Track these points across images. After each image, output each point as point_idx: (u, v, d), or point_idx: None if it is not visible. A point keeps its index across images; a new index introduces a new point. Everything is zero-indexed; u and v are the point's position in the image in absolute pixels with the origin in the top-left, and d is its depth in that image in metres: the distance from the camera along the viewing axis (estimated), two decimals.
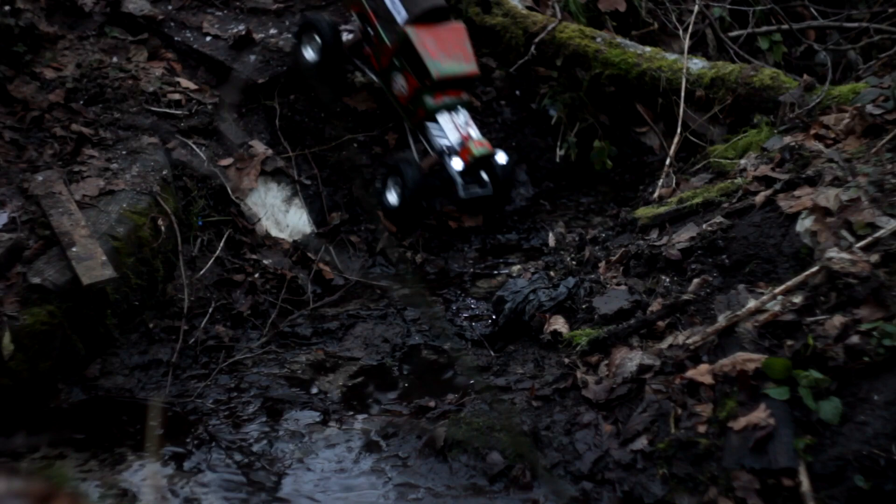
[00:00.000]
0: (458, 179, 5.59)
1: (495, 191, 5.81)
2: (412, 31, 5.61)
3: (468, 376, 4.74)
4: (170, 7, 6.42)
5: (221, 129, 5.86)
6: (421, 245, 5.97)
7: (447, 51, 5.65)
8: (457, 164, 5.52)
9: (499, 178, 5.78)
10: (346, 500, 4.05)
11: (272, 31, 6.39)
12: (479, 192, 5.73)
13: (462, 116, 5.65)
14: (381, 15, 5.75)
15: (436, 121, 5.67)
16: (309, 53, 5.93)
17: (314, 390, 4.78)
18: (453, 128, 5.60)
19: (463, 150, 5.51)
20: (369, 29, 5.86)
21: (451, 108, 5.64)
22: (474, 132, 5.65)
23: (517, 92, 6.78)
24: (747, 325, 4.02)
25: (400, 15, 5.69)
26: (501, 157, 5.69)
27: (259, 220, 5.69)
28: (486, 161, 5.64)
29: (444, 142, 5.63)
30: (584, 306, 4.78)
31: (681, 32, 6.65)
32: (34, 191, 4.95)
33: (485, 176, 5.79)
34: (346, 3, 6.10)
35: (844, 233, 4.19)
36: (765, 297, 4.08)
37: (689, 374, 3.98)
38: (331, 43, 5.78)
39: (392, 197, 5.73)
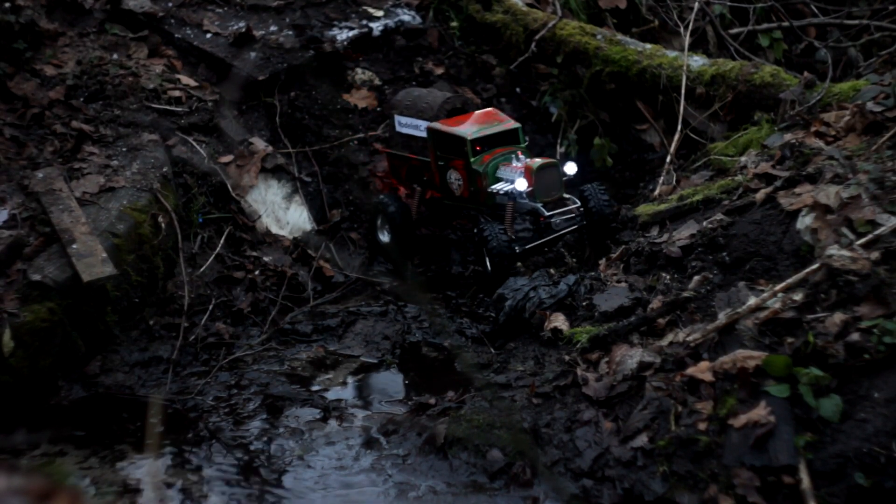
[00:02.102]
0: (539, 206, 5.22)
1: (588, 213, 5.28)
2: (435, 124, 5.52)
3: (468, 373, 4.74)
4: (170, 4, 6.41)
5: (222, 126, 5.86)
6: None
7: (478, 123, 5.49)
8: (521, 184, 5.15)
9: (597, 215, 5.26)
10: (346, 497, 4.06)
11: (272, 28, 6.38)
12: (568, 212, 5.27)
13: (520, 159, 5.31)
14: (417, 150, 5.67)
15: (498, 181, 5.36)
16: (385, 236, 5.71)
17: (314, 387, 4.79)
18: (512, 169, 5.30)
19: (525, 173, 5.20)
20: (423, 177, 5.75)
21: (505, 161, 5.36)
22: (533, 160, 5.32)
23: (518, 89, 6.78)
24: (748, 322, 4.02)
25: (424, 130, 5.59)
26: (570, 168, 5.33)
27: (259, 217, 5.69)
28: (552, 174, 5.24)
29: (507, 187, 5.30)
30: (584, 304, 4.78)
31: (681, 30, 6.64)
32: (34, 188, 4.95)
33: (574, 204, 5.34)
34: (394, 177, 5.95)
35: (845, 230, 4.19)
36: (765, 295, 4.07)
37: (690, 371, 3.98)
38: (403, 221, 5.59)
39: (488, 264, 5.29)
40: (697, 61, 6.16)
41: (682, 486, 3.74)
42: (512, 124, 5.50)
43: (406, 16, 6.76)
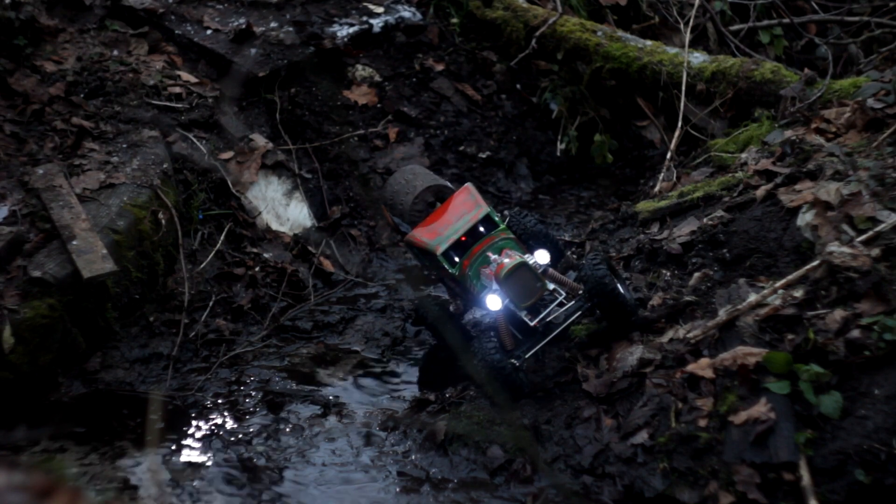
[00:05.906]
0: (520, 312, 4.37)
1: (584, 284, 4.43)
2: (411, 235, 4.77)
3: (469, 370, 4.74)
4: (170, 0, 6.41)
5: (222, 122, 5.86)
6: None
7: (448, 221, 4.72)
8: (493, 304, 4.36)
9: (589, 283, 4.35)
10: (346, 493, 4.06)
11: (273, 25, 6.38)
12: (563, 301, 4.43)
13: (492, 262, 4.48)
14: (424, 253, 4.86)
15: (485, 287, 4.53)
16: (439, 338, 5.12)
17: (314, 384, 4.79)
18: (487, 276, 4.48)
19: (496, 281, 4.36)
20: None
21: (483, 264, 4.54)
22: (507, 259, 4.39)
23: (518, 86, 6.78)
24: (748, 319, 4.02)
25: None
26: (542, 257, 4.43)
27: (259, 213, 5.69)
28: (524, 276, 4.31)
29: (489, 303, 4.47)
30: None
31: (682, 26, 6.64)
32: (35, 184, 4.94)
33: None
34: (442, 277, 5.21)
35: (845, 227, 4.19)
36: (765, 291, 4.07)
37: (690, 368, 3.98)
38: (444, 326, 4.83)
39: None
40: (698, 58, 6.16)
41: (682, 482, 3.74)
42: (480, 212, 4.64)
43: (406, 12, 6.76)
